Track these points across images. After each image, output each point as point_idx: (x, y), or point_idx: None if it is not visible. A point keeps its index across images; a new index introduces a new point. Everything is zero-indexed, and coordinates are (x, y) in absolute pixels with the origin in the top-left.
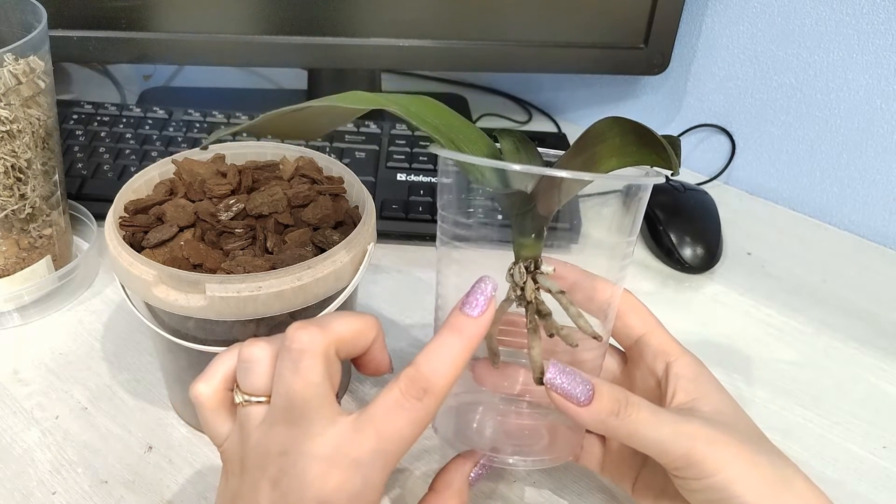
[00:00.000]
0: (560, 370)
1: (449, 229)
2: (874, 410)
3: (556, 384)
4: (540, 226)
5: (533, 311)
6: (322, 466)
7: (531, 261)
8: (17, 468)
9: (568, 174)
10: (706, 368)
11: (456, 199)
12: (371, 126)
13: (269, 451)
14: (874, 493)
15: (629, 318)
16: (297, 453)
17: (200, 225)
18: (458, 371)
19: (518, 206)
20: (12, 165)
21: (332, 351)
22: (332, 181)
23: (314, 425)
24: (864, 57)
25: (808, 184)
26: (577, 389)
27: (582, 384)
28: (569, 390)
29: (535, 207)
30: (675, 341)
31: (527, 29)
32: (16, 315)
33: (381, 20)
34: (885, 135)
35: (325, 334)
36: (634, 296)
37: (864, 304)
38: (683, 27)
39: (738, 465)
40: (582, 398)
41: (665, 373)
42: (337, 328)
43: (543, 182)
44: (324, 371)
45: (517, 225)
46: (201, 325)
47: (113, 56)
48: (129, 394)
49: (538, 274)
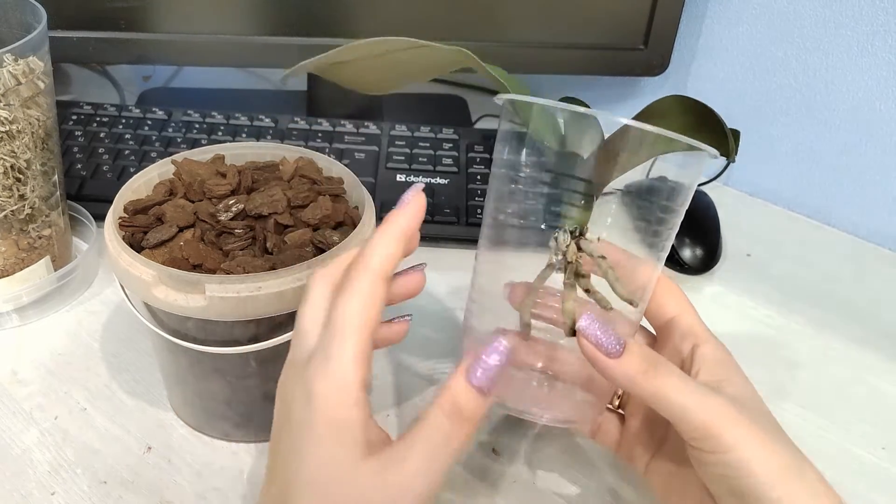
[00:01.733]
0: (593, 320)
1: (490, 231)
2: (874, 411)
3: (588, 333)
4: (590, 194)
5: (572, 270)
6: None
7: (577, 227)
8: (16, 469)
9: (638, 125)
10: (732, 356)
11: (509, 163)
12: (371, 127)
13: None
14: (874, 494)
15: (664, 298)
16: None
17: (200, 225)
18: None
19: (572, 170)
20: (12, 166)
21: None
22: (331, 182)
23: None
24: (863, 58)
25: (808, 184)
26: (610, 340)
27: (615, 337)
28: (601, 339)
29: (590, 174)
30: (705, 327)
31: (526, 30)
32: (15, 316)
33: (381, 20)
34: (884, 136)
35: (372, 300)
36: (669, 279)
37: (864, 304)
38: (683, 28)
39: (755, 445)
40: (612, 350)
41: (691, 354)
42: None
43: (601, 149)
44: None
45: (567, 190)
46: (201, 326)
47: (112, 57)
48: (128, 394)
49: (582, 240)
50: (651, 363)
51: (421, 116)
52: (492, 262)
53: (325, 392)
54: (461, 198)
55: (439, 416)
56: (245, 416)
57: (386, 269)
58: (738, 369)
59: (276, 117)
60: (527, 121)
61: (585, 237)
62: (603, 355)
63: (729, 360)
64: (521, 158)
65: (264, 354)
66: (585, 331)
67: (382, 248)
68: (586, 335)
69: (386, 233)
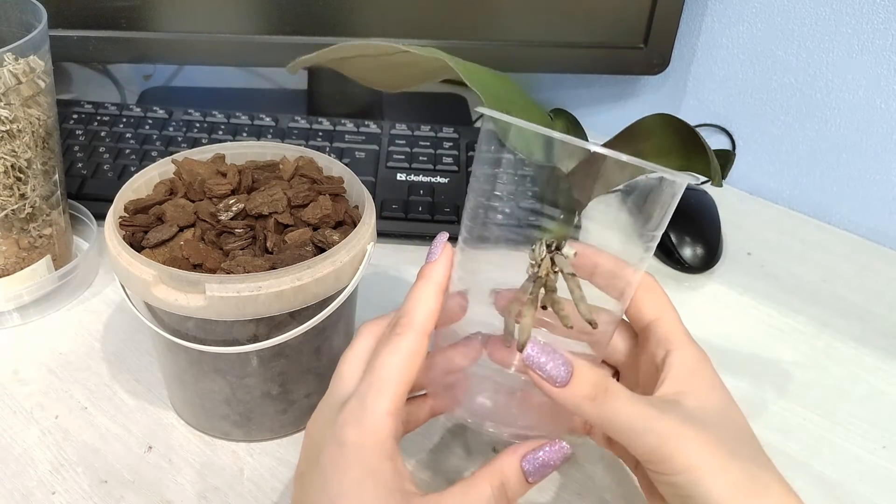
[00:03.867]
0: (540, 348)
1: (471, 228)
2: (874, 410)
3: (533, 362)
4: (570, 208)
5: (541, 284)
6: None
7: (554, 241)
8: (16, 468)
9: (610, 153)
10: (707, 364)
11: (488, 175)
12: (371, 126)
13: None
14: (874, 493)
15: (642, 301)
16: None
17: (200, 225)
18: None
19: (553, 184)
20: (12, 165)
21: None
22: (332, 181)
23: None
24: (864, 56)
25: (808, 184)
26: (556, 368)
27: (561, 365)
28: (547, 367)
29: (570, 189)
30: (682, 331)
31: (526, 29)
32: (16, 315)
33: (381, 20)
34: (885, 134)
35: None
36: (655, 281)
37: (864, 304)
38: (683, 27)
39: (708, 465)
40: (559, 378)
41: (663, 361)
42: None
43: (582, 165)
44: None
45: (547, 203)
46: (201, 325)
47: (113, 56)
48: (129, 394)
49: (557, 254)
50: (599, 388)
51: (421, 115)
52: (471, 260)
53: (359, 441)
54: (461, 197)
55: (486, 489)
56: (245, 415)
57: (428, 327)
58: (709, 378)
59: (277, 116)
60: (506, 134)
61: (562, 252)
62: (549, 385)
63: (699, 367)
64: (500, 164)
65: (264, 354)
66: (530, 360)
67: (424, 305)
68: (530, 364)
69: (424, 289)
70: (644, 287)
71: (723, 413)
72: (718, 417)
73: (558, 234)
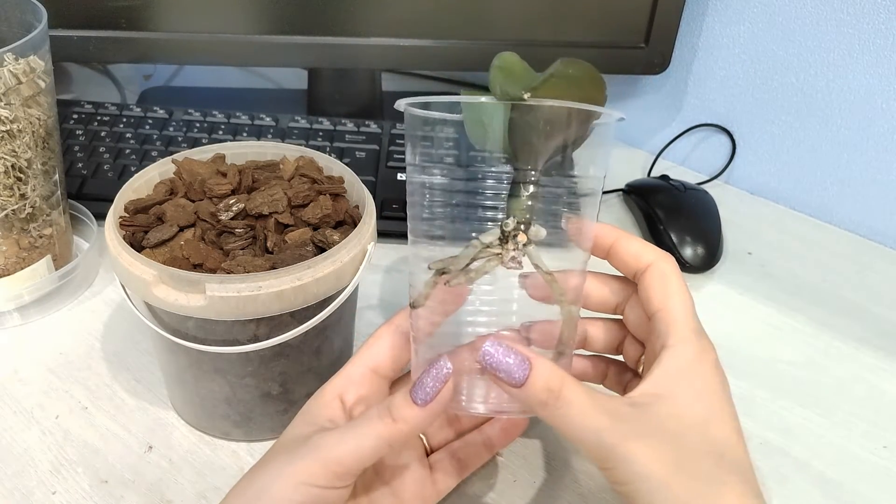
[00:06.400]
0: (497, 346)
1: (418, 227)
2: (874, 410)
3: (489, 361)
4: (518, 181)
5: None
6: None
7: (524, 217)
8: (17, 468)
9: (535, 102)
10: (705, 366)
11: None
12: (371, 126)
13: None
14: (874, 493)
15: (652, 290)
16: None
17: (200, 225)
18: None
19: (497, 162)
20: (12, 165)
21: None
22: (332, 181)
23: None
24: (864, 56)
25: (809, 184)
26: (511, 368)
27: (518, 365)
28: (503, 367)
29: (515, 160)
30: (685, 325)
31: (527, 28)
32: (16, 315)
33: (382, 20)
34: (885, 134)
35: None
36: (673, 268)
37: (864, 304)
38: (684, 27)
39: (652, 480)
40: (514, 379)
41: (656, 357)
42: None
43: (515, 137)
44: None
45: (497, 180)
46: (201, 325)
47: (113, 56)
48: (129, 394)
49: (524, 231)
50: (553, 393)
51: None
52: (424, 253)
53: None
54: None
55: (373, 411)
56: (245, 415)
57: (400, 323)
58: (696, 383)
59: (277, 116)
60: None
61: (528, 233)
62: (505, 382)
63: (690, 370)
64: (441, 150)
65: (264, 354)
66: (486, 357)
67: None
68: (487, 363)
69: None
70: (654, 274)
71: (697, 425)
72: (688, 429)
73: (514, 207)
